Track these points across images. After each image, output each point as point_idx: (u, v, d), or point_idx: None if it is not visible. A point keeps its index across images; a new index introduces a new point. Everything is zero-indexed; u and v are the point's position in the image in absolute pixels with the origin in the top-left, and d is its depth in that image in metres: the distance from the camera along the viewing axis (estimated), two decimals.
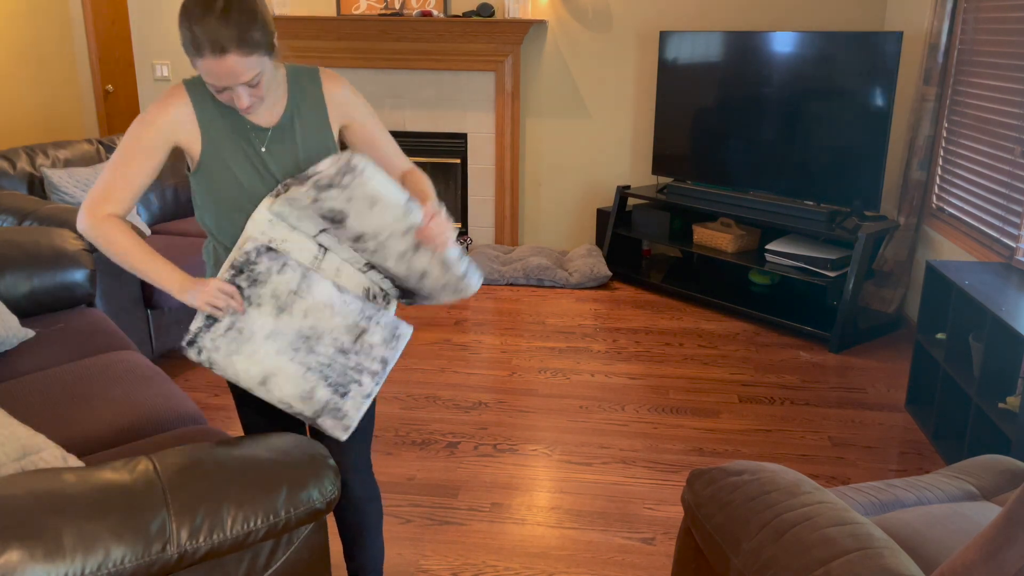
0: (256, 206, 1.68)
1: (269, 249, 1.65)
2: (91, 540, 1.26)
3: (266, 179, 1.68)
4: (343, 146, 1.85)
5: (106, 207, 1.64)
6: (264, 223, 1.66)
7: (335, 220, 1.63)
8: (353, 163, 1.56)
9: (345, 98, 1.74)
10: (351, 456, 1.88)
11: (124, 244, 1.64)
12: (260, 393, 1.66)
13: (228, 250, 1.73)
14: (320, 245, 1.72)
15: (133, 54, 5.45)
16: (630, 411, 3.23)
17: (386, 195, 1.61)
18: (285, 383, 1.66)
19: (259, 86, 1.57)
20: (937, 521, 1.54)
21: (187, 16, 1.48)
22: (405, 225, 1.65)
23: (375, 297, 1.80)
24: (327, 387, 1.69)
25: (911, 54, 4.21)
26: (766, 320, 4.12)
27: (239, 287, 1.64)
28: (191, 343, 1.62)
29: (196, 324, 1.63)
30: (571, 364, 3.65)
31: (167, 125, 1.64)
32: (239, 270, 1.64)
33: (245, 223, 1.69)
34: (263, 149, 1.68)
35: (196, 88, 1.67)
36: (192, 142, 1.66)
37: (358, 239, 1.67)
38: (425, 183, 1.81)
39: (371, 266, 1.76)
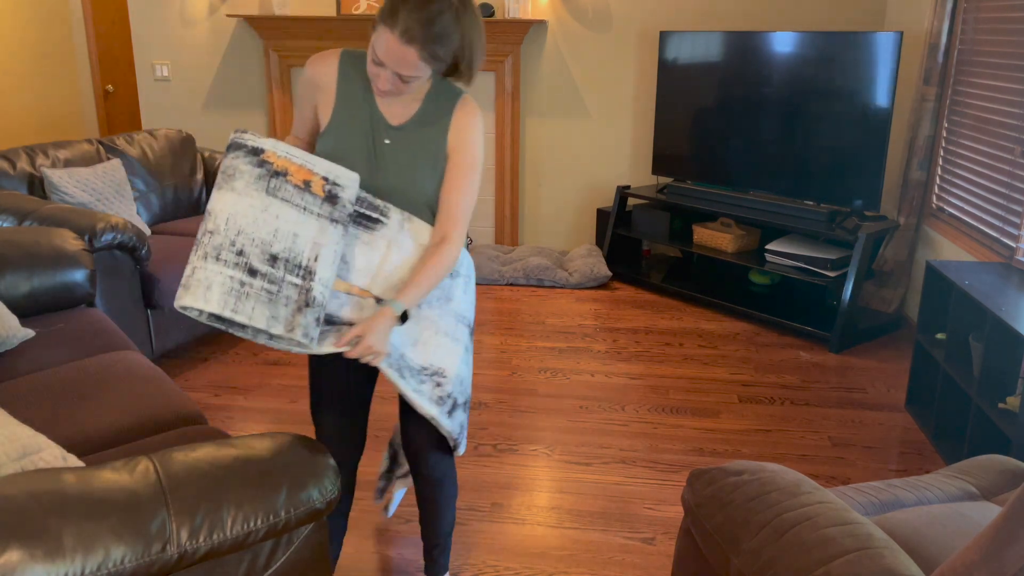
0: (365, 182, 1.76)
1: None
2: (91, 540, 1.26)
3: (377, 169, 1.75)
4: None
5: (293, 139, 1.88)
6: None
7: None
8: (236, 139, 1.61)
9: (462, 131, 1.75)
10: (426, 434, 1.92)
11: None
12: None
13: None
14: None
15: (133, 54, 5.45)
16: (630, 411, 3.23)
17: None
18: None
19: (408, 84, 1.65)
20: (937, 521, 1.54)
21: None
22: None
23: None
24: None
25: (911, 54, 4.21)
26: (766, 320, 4.12)
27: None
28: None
29: None
30: (571, 364, 3.65)
31: (309, 81, 1.78)
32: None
33: None
34: (386, 141, 1.75)
35: (349, 60, 1.76)
36: (325, 108, 1.76)
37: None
38: (426, 273, 1.71)
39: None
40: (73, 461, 1.58)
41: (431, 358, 1.80)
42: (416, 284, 1.70)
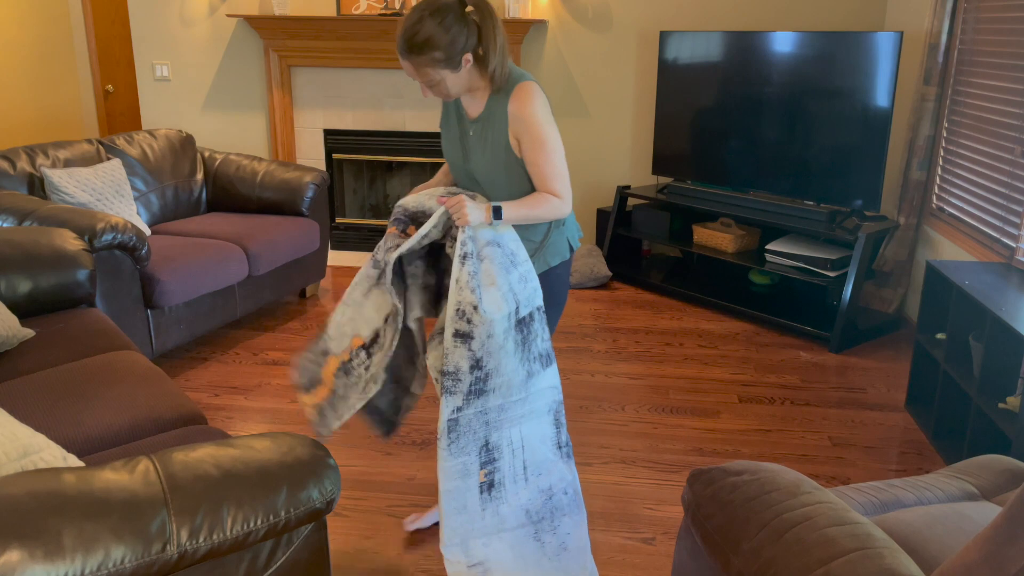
0: (457, 173, 2.18)
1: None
2: (91, 540, 1.26)
3: (465, 156, 2.12)
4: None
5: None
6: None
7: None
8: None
9: (517, 117, 2.00)
10: None
11: None
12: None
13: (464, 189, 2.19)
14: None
15: (133, 54, 5.45)
16: (630, 411, 3.23)
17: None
18: None
19: (437, 87, 1.98)
20: (937, 521, 1.54)
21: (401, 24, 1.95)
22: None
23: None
24: None
25: (911, 54, 4.21)
26: (766, 320, 4.12)
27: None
28: None
29: None
30: (571, 364, 3.65)
31: None
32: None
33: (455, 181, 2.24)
34: (470, 133, 2.10)
35: None
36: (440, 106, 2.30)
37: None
38: (530, 200, 2.02)
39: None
40: (73, 461, 1.58)
41: (476, 296, 1.93)
42: (519, 202, 2.01)
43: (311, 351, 2.23)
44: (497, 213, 1.97)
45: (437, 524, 2.49)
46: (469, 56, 1.95)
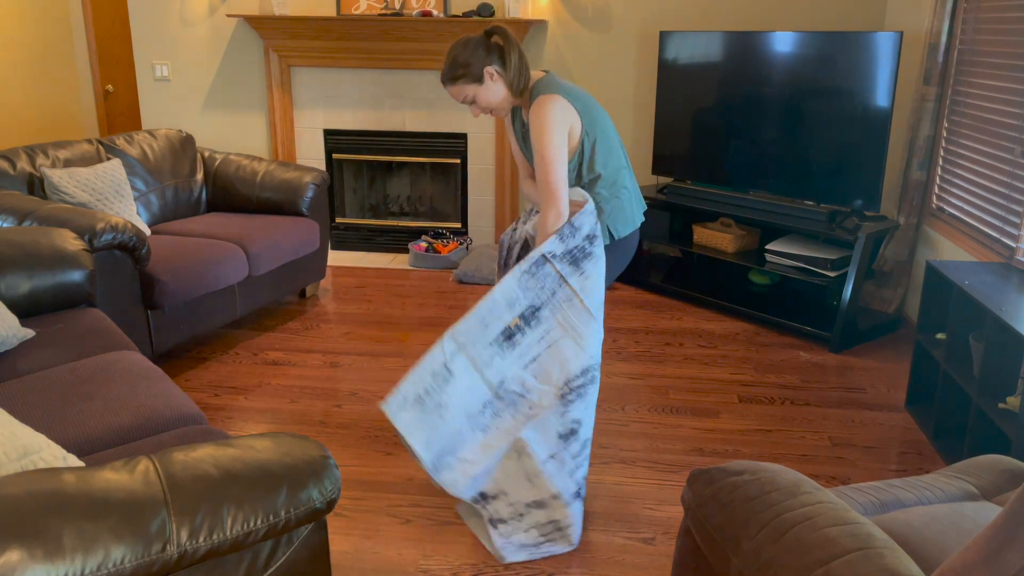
0: (525, 173, 2.60)
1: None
2: (91, 540, 1.26)
3: (527, 152, 2.52)
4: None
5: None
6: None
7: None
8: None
9: (531, 126, 2.31)
10: None
11: None
12: None
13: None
14: None
15: (133, 54, 5.45)
16: (630, 411, 3.23)
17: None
18: None
19: (476, 103, 2.38)
20: (937, 521, 1.54)
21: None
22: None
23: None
24: None
25: (911, 54, 4.21)
26: (766, 320, 4.12)
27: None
28: None
29: None
30: None
31: None
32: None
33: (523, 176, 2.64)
34: (524, 134, 2.51)
35: None
36: None
37: None
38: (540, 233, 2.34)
39: None
40: (73, 461, 1.58)
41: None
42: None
43: None
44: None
45: None
46: (492, 70, 2.32)
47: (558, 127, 2.26)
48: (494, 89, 2.34)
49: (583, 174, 2.40)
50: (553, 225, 2.28)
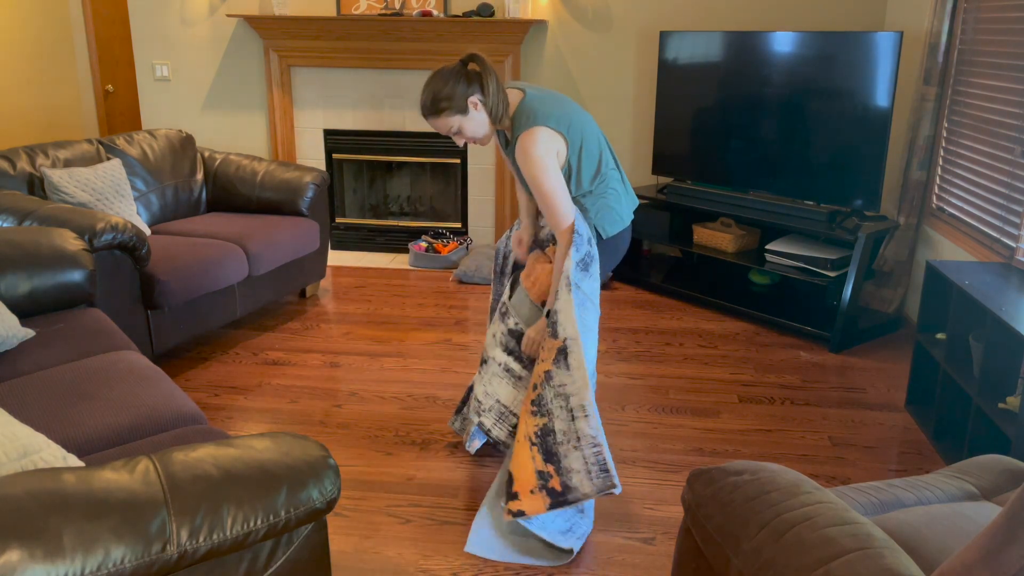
0: (519, 184, 2.64)
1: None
2: (91, 540, 1.26)
3: (518, 174, 2.52)
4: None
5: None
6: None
7: None
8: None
9: (520, 163, 2.31)
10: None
11: None
12: None
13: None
14: None
15: (133, 54, 5.45)
16: (630, 411, 3.23)
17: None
18: None
19: (460, 133, 2.35)
20: (937, 521, 1.54)
21: None
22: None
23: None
24: None
25: (911, 54, 4.21)
26: (766, 320, 4.12)
27: None
28: None
29: None
30: None
31: None
32: None
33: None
34: (507, 156, 2.51)
35: None
36: None
37: None
38: (556, 264, 2.36)
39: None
40: (73, 461, 1.58)
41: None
42: (555, 272, 2.39)
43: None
44: (549, 315, 2.34)
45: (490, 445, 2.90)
46: (475, 99, 2.30)
47: (548, 159, 2.29)
48: (479, 119, 2.33)
49: (571, 190, 2.42)
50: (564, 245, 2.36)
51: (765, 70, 4.21)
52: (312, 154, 5.32)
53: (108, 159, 3.96)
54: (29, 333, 2.53)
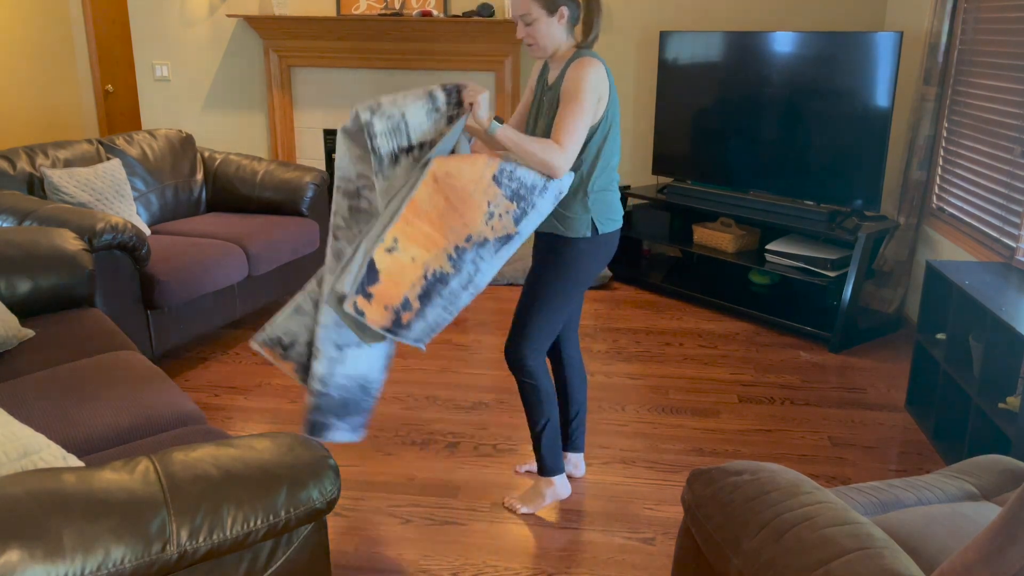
0: (529, 131, 2.40)
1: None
2: (91, 540, 1.26)
3: (533, 121, 2.38)
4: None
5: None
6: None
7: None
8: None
9: (569, 77, 2.19)
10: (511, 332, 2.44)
11: None
12: None
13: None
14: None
15: (133, 54, 5.45)
16: (630, 411, 3.23)
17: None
18: None
19: (531, 27, 2.22)
20: (937, 521, 1.54)
21: None
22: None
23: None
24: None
25: (911, 54, 4.21)
26: (766, 320, 4.12)
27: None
28: None
29: None
30: None
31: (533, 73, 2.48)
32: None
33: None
34: (543, 98, 2.34)
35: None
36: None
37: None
38: (530, 139, 2.15)
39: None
40: (73, 461, 1.58)
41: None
42: (519, 136, 2.14)
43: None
44: (499, 120, 2.16)
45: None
46: (564, 11, 2.21)
47: (592, 92, 2.17)
48: (556, 28, 2.22)
49: (595, 163, 2.28)
50: (556, 170, 2.14)
51: (765, 70, 4.21)
52: (312, 154, 5.32)
53: (108, 159, 3.96)
54: (29, 333, 2.53)
